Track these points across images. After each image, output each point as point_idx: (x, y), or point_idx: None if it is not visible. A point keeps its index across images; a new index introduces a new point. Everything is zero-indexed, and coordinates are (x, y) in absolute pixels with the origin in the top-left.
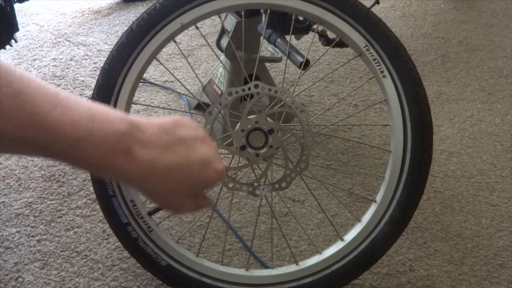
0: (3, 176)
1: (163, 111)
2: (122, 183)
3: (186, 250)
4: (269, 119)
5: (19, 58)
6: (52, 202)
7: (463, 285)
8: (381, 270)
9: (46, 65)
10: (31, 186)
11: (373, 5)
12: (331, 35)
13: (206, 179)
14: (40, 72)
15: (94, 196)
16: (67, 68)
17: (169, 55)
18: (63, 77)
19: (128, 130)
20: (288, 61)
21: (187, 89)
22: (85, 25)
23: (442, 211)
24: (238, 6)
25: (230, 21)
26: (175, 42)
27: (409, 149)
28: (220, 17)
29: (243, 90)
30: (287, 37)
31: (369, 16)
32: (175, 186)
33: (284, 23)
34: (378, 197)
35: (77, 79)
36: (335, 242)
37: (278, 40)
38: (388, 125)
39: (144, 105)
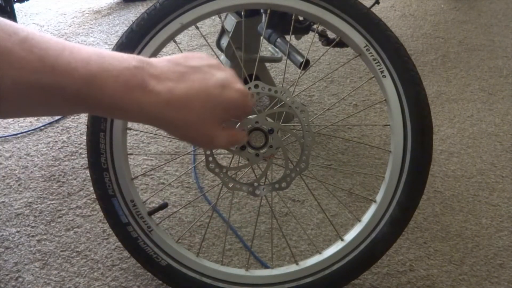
0: (3, 176)
1: None
2: (145, 123)
3: (186, 250)
4: (269, 119)
5: None
6: (52, 202)
7: (463, 285)
8: (381, 270)
9: None
10: (31, 186)
11: (373, 5)
12: (331, 35)
13: (229, 100)
14: None
15: (94, 196)
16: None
17: (169, 55)
18: None
19: (139, 64)
20: (288, 61)
21: None
22: (85, 25)
23: (442, 211)
24: (238, 6)
25: (230, 21)
26: (175, 42)
27: (409, 149)
28: (220, 17)
29: None
30: (287, 37)
31: (369, 16)
32: (199, 113)
33: (284, 23)
34: (378, 197)
35: None
36: (335, 242)
37: (278, 40)
38: (388, 125)
39: None
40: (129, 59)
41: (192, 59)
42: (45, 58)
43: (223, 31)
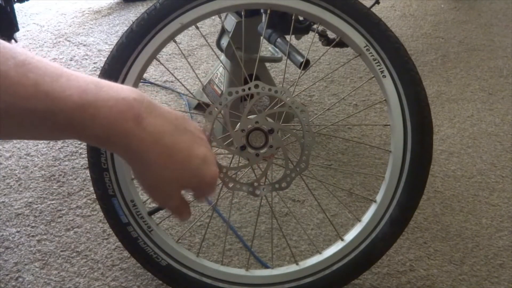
0: (3, 176)
1: None
2: (125, 158)
3: (186, 250)
4: (269, 119)
5: None
6: (52, 202)
7: (463, 285)
8: (381, 270)
9: None
10: (31, 186)
11: (373, 5)
12: (331, 35)
13: (202, 176)
14: None
15: (94, 196)
16: (67, 68)
17: (169, 55)
18: None
19: (140, 98)
20: (288, 61)
21: (187, 89)
22: (85, 25)
23: (442, 211)
24: (238, 6)
25: (230, 21)
26: (175, 42)
27: (409, 149)
28: (220, 17)
29: (243, 90)
30: (287, 37)
31: (369, 16)
32: (174, 170)
33: (284, 23)
34: (378, 197)
35: None
36: (335, 242)
37: (278, 40)
38: (388, 125)
39: None
40: (128, 91)
41: (188, 122)
42: (40, 84)
43: (223, 31)
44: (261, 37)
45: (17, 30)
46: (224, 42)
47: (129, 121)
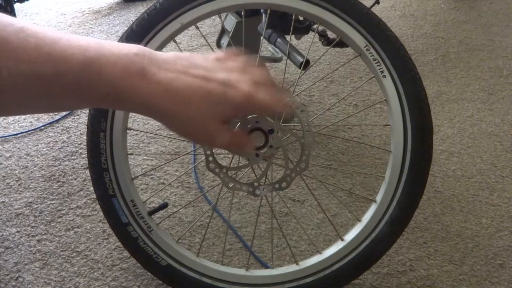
0: (3, 176)
1: None
2: (142, 113)
3: (186, 250)
4: (269, 119)
5: None
6: (52, 202)
7: (463, 285)
8: (381, 270)
9: None
10: (31, 186)
11: (373, 5)
12: (331, 35)
13: (232, 99)
14: None
15: (94, 196)
16: None
17: None
18: None
19: (141, 52)
20: (288, 61)
21: None
22: (85, 25)
23: (442, 211)
24: (238, 6)
25: (230, 21)
26: (175, 42)
27: (409, 149)
28: (220, 17)
29: None
30: (287, 37)
31: (369, 16)
32: (198, 109)
33: (284, 23)
34: (378, 197)
35: None
36: (335, 242)
37: (278, 40)
38: (388, 125)
39: None
40: (129, 47)
41: (197, 57)
42: (41, 46)
43: (223, 31)
44: (261, 37)
45: None
46: (224, 42)
47: (133, 76)
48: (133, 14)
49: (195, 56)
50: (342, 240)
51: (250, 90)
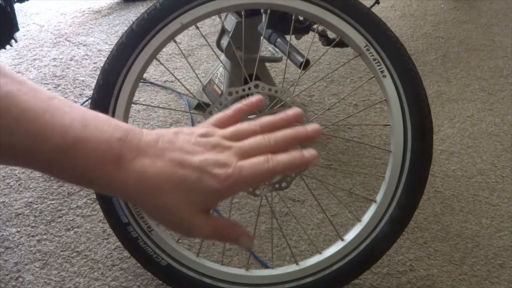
0: (3, 176)
1: (163, 111)
2: (121, 198)
3: (186, 250)
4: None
5: (19, 58)
6: (52, 202)
7: (463, 285)
8: (381, 270)
9: (46, 65)
10: (31, 186)
11: (373, 5)
12: (331, 35)
13: (206, 188)
14: (40, 72)
15: (94, 196)
16: (67, 68)
17: (169, 55)
18: (63, 77)
19: (123, 136)
20: (288, 61)
21: (187, 89)
22: (85, 25)
23: (442, 211)
24: (238, 6)
25: (230, 21)
26: (175, 42)
27: (409, 149)
28: (220, 17)
29: (243, 90)
30: (287, 37)
31: (369, 16)
32: (171, 197)
33: (284, 23)
34: (378, 197)
35: (77, 79)
36: (335, 242)
37: (278, 40)
38: (388, 125)
39: (144, 105)
40: (115, 129)
41: (181, 134)
42: (21, 121)
43: (223, 31)
44: (261, 37)
45: (17, 30)
46: (224, 42)
47: (108, 164)
48: (133, 14)
49: (180, 133)
50: (342, 240)
51: (228, 172)
